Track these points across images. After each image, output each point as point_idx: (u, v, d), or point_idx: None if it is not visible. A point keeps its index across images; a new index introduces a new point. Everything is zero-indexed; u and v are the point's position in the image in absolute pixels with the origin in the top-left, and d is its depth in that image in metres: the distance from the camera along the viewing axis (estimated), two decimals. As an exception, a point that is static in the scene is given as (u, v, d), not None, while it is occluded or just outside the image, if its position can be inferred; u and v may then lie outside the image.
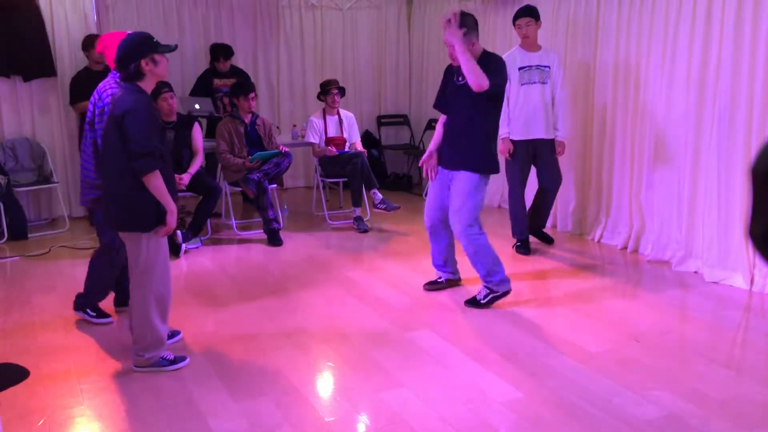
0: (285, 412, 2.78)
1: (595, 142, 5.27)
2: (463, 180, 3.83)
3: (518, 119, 4.86)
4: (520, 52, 4.89)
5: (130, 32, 3.40)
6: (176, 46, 3.21)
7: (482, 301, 3.93)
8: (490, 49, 6.83)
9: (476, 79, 3.57)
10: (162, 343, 3.19)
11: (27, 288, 4.32)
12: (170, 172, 3.15)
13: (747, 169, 4.12)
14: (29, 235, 5.51)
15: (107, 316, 3.80)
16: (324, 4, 7.59)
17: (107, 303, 3.88)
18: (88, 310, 3.79)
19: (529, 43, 4.86)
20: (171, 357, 3.22)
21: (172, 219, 3.05)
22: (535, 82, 4.84)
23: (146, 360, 3.16)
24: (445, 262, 4.24)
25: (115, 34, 3.63)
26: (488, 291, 3.93)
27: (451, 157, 3.91)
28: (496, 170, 3.90)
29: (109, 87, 3.49)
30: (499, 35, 6.42)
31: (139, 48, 3.01)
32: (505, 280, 3.93)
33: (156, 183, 2.98)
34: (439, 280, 4.29)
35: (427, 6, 7.65)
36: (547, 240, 5.28)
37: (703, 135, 4.46)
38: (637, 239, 5.05)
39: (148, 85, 3.08)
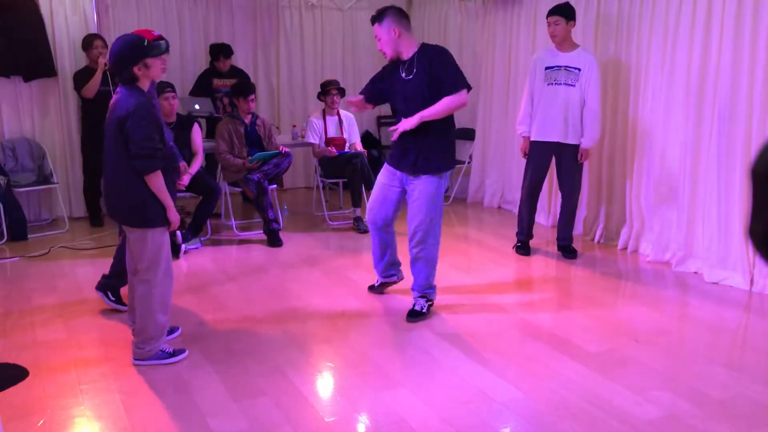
0: (285, 412, 2.78)
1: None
2: (419, 186, 3.71)
3: (538, 120, 4.80)
4: (549, 52, 4.78)
5: (155, 32, 3.31)
6: (168, 47, 3.16)
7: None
8: (490, 50, 6.83)
9: (454, 106, 3.55)
10: (163, 334, 3.27)
11: (27, 288, 4.32)
12: (172, 171, 3.25)
13: (747, 169, 4.12)
14: (29, 236, 5.50)
15: (123, 304, 3.89)
16: (324, 4, 7.59)
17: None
18: (109, 293, 3.92)
19: (559, 43, 4.70)
20: (170, 350, 3.28)
21: (172, 215, 3.17)
22: (560, 83, 4.68)
23: (146, 353, 3.23)
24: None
25: (141, 32, 3.60)
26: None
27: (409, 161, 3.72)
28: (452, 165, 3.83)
29: None
30: (499, 35, 6.42)
31: (131, 54, 3.03)
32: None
33: (157, 182, 3.08)
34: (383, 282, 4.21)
35: (427, 6, 7.65)
36: (567, 254, 4.96)
37: (703, 135, 4.46)
38: (637, 239, 5.05)
39: (143, 85, 3.13)
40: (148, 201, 3.09)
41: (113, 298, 3.93)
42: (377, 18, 3.65)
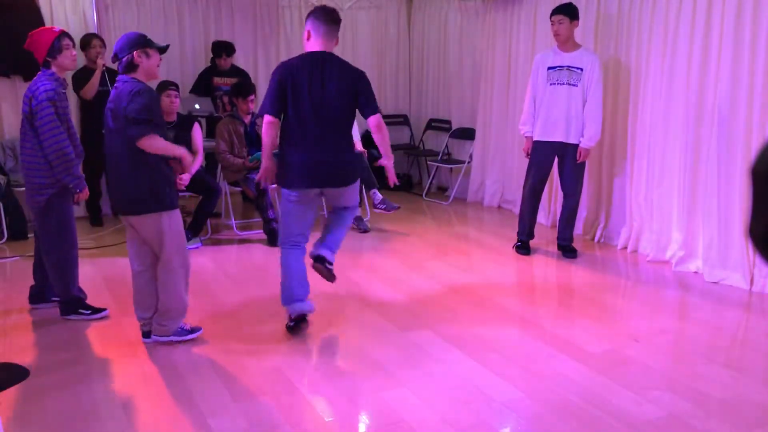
0: (285, 412, 2.78)
1: (595, 142, 5.28)
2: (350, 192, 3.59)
3: (540, 120, 4.81)
4: (552, 51, 4.79)
5: (56, 28, 3.62)
6: (168, 46, 3.40)
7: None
8: (490, 50, 6.78)
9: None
10: (185, 311, 3.42)
11: (27, 288, 4.31)
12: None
13: (747, 169, 4.12)
14: (29, 235, 5.50)
15: (102, 310, 3.85)
16: (324, 4, 7.59)
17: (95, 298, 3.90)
18: (81, 311, 3.81)
19: (562, 42, 4.70)
20: (188, 327, 3.45)
21: (186, 160, 3.31)
22: (563, 83, 4.69)
23: (168, 330, 3.37)
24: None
25: (42, 30, 3.67)
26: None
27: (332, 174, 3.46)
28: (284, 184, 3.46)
29: (41, 84, 3.49)
30: (499, 35, 6.41)
31: (134, 41, 3.21)
32: (290, 300, 3.55)
33: (155, 143, 3.17)
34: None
35: (427, 6, 7.64)
36: (568, 254, 4.96)
37: (703, 135, 4.46)
38: (637, 239, 5.05)
39: (141, 78, 3.24)
40: (156, 185, 3.20)
41: (88, 311, 3.80)
42: None
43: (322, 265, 3.62)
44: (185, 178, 5.10)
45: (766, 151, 1.11)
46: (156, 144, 3.17)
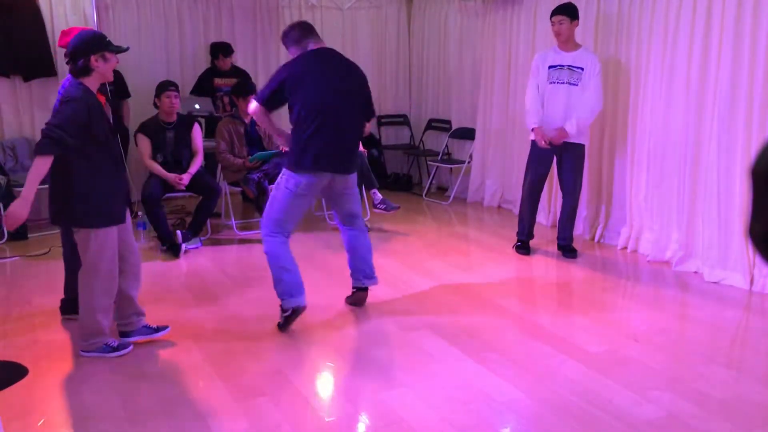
0: (285, 412, 2.78)
1: (594, 142, 5.26)
2: (354, 181, 3.79)
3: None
4: (553, 50, 4.80)
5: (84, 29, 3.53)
6: (128, 48, 3.27)
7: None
8: (490, 49, 6.80)
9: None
10: (101, 333, 3.27)
11: (27, 288, 4.32)
12: (124, 176, 3.29)
13: (747, 169, 4.12)
14: (29, 235, 5.50)
15: None
16: (324, 4, 7.59)
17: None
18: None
19: (563, 42, 4.71)
20: (114, 344, 3.32)
21: (18, 206, 2.91)
22: (563, 82, 4.69)
23: (89, 345, 3.28)
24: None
25: (78, 30, 3.63)
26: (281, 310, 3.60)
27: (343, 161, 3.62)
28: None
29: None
30: (499, 35, 6.41)
31: (92, 44, 3.07)
32: (289, 294, 3.54)
33: (38, 167, 2.90)
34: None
35: (427, 6, 7.65)
36: (568, 254, 4.93)
37: (703, 135, 4.46)
38: (637, 239, 5.05)
39: (93, 83, 3.12)
40: (70, 199, 3.08)
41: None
42: None
43: (365, 293, 4.00)
44: (185, 178, 5.11)
45: (766, 151, 1.11)
46: (38, 168, 2.90)
